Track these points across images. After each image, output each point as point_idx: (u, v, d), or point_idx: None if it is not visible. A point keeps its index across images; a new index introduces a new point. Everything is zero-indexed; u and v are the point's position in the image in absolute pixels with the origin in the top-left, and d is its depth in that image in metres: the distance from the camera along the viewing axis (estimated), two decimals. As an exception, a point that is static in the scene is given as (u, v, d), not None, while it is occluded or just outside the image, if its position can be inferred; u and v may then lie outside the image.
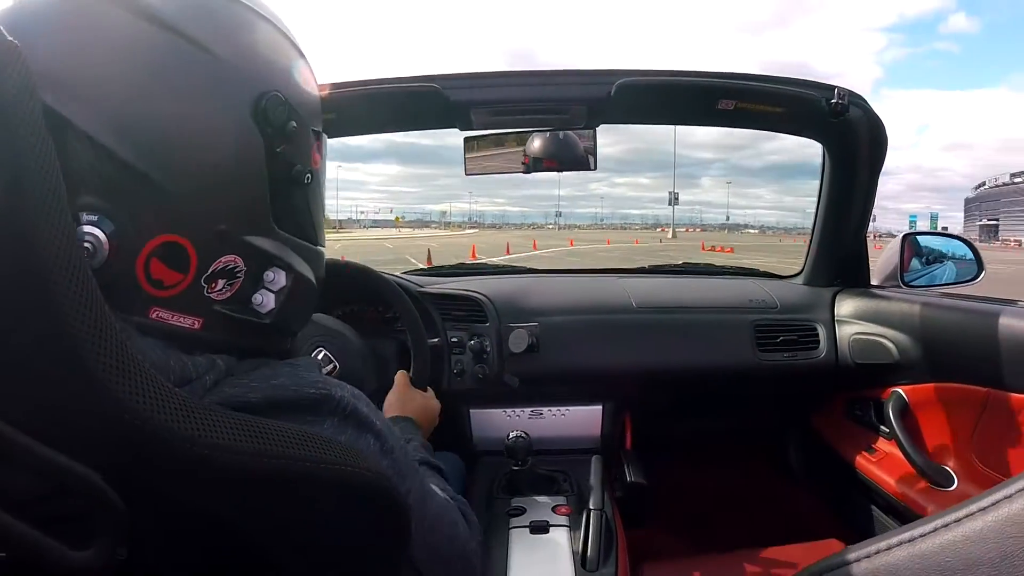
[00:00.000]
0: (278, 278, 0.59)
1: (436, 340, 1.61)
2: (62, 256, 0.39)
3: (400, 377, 1.31)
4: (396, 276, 1.73)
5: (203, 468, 0.44)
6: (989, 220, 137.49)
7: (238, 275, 0.56)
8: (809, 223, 1.88)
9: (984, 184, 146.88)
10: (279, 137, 0.56)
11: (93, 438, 0.42)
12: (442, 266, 2.23)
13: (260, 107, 0.53)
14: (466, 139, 1.62)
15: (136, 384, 0.41)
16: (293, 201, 0.60)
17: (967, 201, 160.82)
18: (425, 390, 1.35)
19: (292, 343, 0.67)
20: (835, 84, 1.48)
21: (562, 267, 2.72)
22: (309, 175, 0.60)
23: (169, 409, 0.42)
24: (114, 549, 0.44)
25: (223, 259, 0.54)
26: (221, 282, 0.54)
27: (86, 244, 0.45)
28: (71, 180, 0.42)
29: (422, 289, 1.70)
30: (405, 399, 1.25)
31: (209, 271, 0.53)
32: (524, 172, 1.63)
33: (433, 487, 0.77)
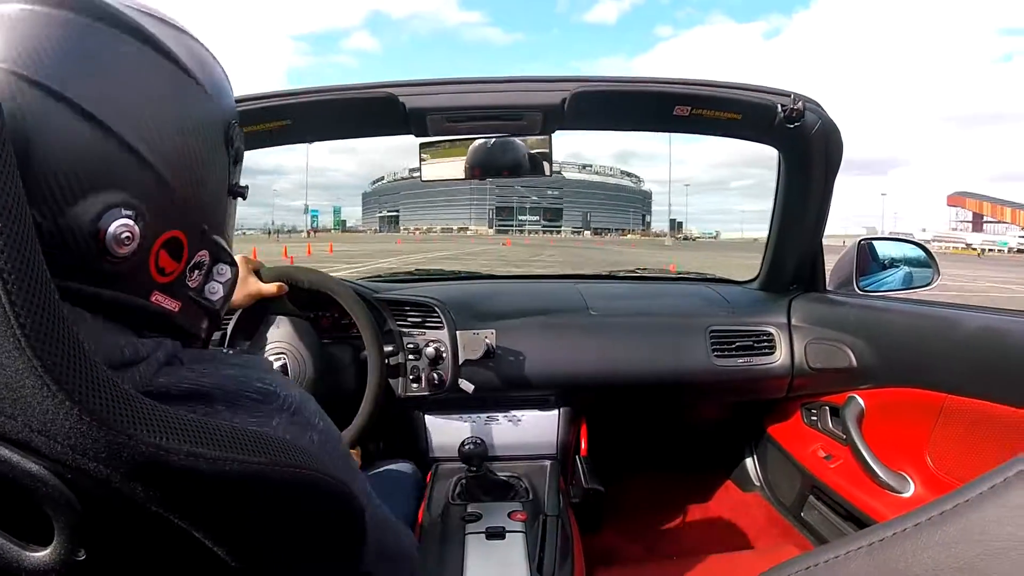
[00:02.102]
0: (226, 271, 0.68)
1: (391, 347, 1.59)
2: (14, 252, 0.40)
3: None
4: (353, 282, 1.71)
5: (158, 469, 0.44)
6: (389, 212, 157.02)
7: (204, 267, 0.65)
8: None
9: (383, 178, 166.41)
10: (235, 159, 0.67)
11: (48, 438, 0.41)
12: (398, 272, 2.21)
13: (229, 134, 0.65)
14: (421, 145, 1.61)
15: (92, 385, 0.41)
16: (230, 211, 0.71)
17: (365, 195, 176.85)
18: (353, 448, 1.42)
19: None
20: (791, 90, 1.49)
21: (520, 273, 2.72)
22: (246, 190, 0.71)
23: (126, 410, 0.43)
24: (72, 550, 0.45)
25: (199, 253, 0.63)
26: (196, 273, 0.64)
27: (125, 235, 0.52)
28: (109, 180, 0.51)
29: (378, 295, 1.68)
30: None
31: (191, 263, 0.62)
32: (479, 179, 1.62)
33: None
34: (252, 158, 1.44)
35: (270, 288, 1.41)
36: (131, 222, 0.52)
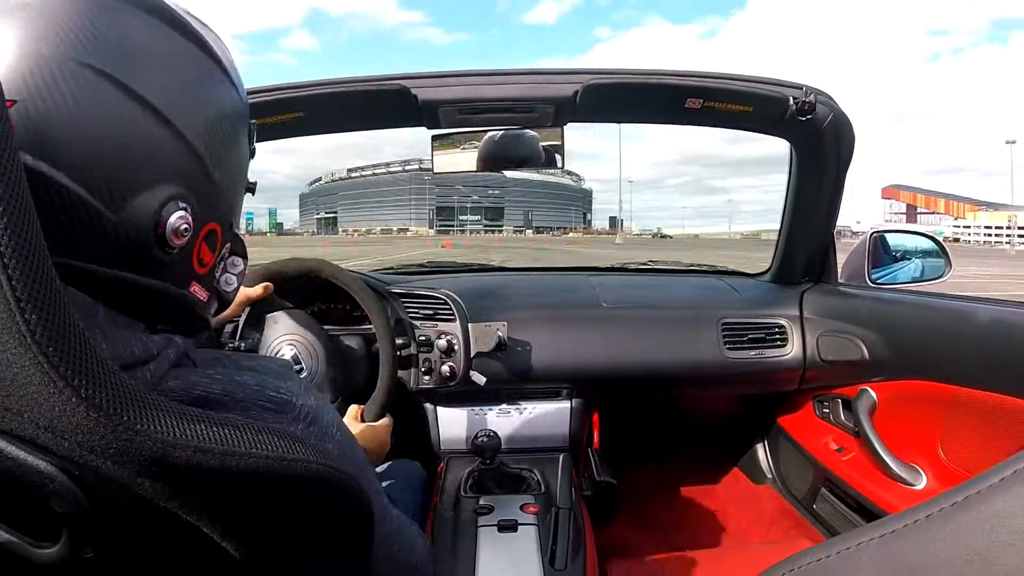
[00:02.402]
0: (239, 264, 0.70)
1: (403, 339, 1.59)
2: (18, 243, 0.39)
3: (350, 411, 1.36)
4: (364, 274, 1.71)
5: (166, 465, 0.44)
6: (327, 213, 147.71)
7: (225, 259, 0.67)
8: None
9: (320, 179, 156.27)
10: (252, 153, 0.69)
11: (55, 435, 0.41)
12: (409, 264, 2.21)
13: (250, 129, 0.67)
14: (434, 137, 1.61)
15: (98, 380, 0.41)
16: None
17: (302, 196, 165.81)
18: (378, 420, 1.40)
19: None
20: (803, 83, 1.48)
21: (532, 265, 2.73)
22: (255, 185, 0.73)
23: (135, 407, 0.42)
24: (80, 546, 0.45)
25: (227, 246, 0.66)
26: (222, 264, 0.66)
27: (183, 227, 0.54)
28: (169, 172, 0.53)
29: (389, 288, 1.69)
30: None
31: (222, 255, 0.65)
32: (491, 171, 1.62)
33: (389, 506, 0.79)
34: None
35: (256, 291, 1.42)
36: (187, 214, 0.54)
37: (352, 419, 1.33)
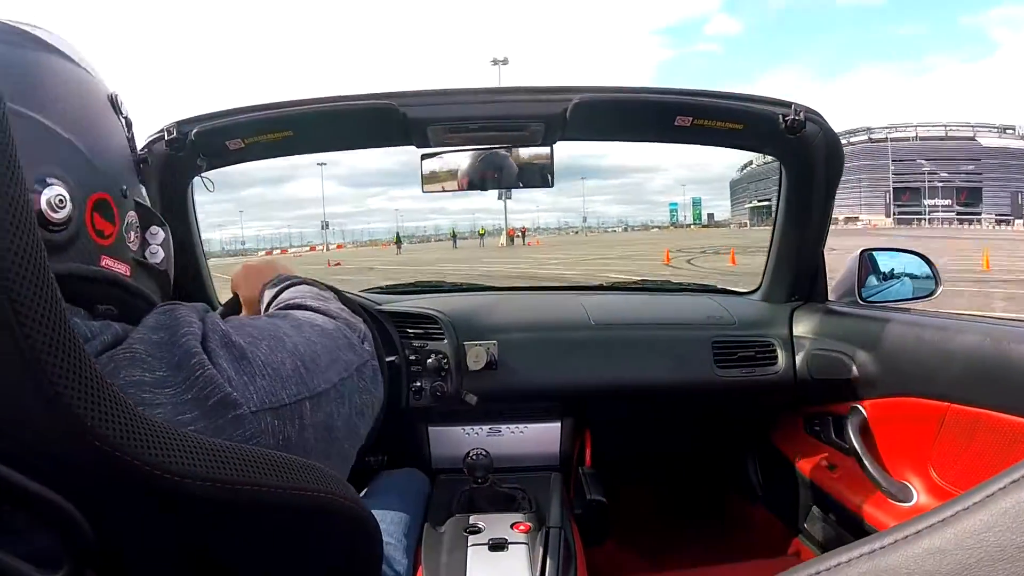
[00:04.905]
0: (158, 233, 0.73)
1: (394, 358, 1.59)
2: (25, 264, 0.39)
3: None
4: (354, 294, 1.71)
5: (174, 495, 0.44)
6: (760, 201, 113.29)
7: (137, 229, 0.69)
8: (576, 222, 1.89)
9: (752, 163, 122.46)
10: (127, 125, 0.73)
11: (61, 464, 0.41)
12: (399, 284, 2.21)
13: (114, 103, 0.70)
14: (423, 156, 1.61)
15: (104, 409, 0.40)
16: (141, 181, 0.75)
17: (733, 183, 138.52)
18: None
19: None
20: (792, 101, 1.49)
21: (520, 284, 2.72)
22: (147, 156, 0.76)
23: (139, 435, 0.42)
24: (82, 572, 0.44)
25: (128, 214, 0.67)
26: (132, 235, 0.68)
27: (58, 197, 0.56)
28: (33, 159, 0.54)
29: (380, 307, 1.69)
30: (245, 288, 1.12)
31: (124, 223, 0.66)
32: (480, 189, 1.62)
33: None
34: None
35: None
36: (59, 186, 0.56)
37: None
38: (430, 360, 1.62)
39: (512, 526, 1.37)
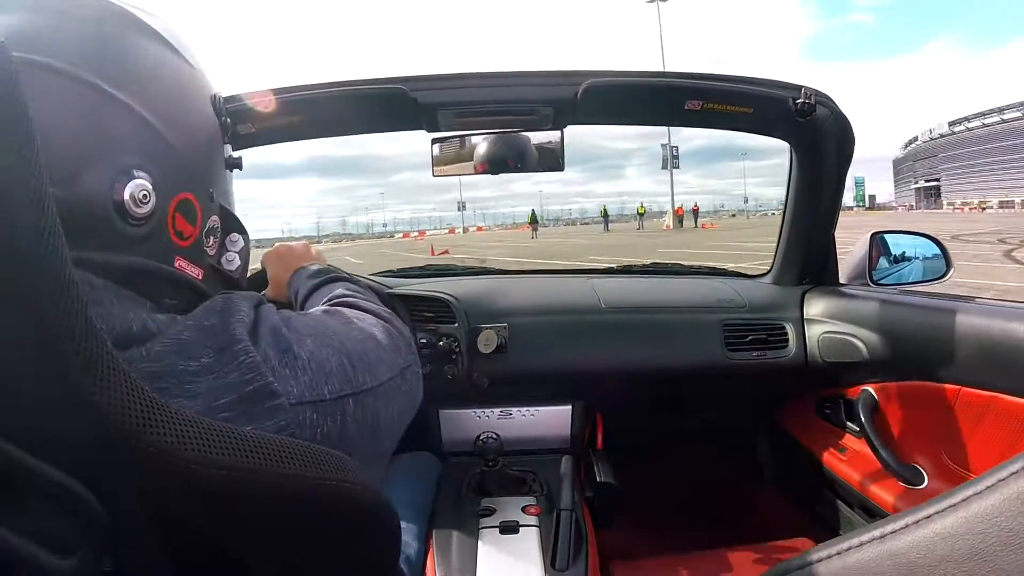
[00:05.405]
0: (238, 240, 0.72)
1: None
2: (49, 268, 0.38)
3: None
4: (365, 277, 1.72)
5: (193, 484, 0.44)
6: (927, 181, 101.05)
7: (218, 234, 0.68)
8: (732, 205, 1.87)
9: (916, 139, 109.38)
10: (225, 129, 0.71)
11: (79, 451, 0.41)
12: (410, 267, 2.21)
13: (216, 104, 0.69)
14: (433, 140, 1.60)
15: (123, 398, 0.40)
16: (230, 184, 0.74)
17: (896, 162, 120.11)
18: None
19: None
20: (802, 84, 1.48)
21: (531, 268, 2.71)
22: (240, 160, 0.75)
23: (158, 424, 0.42)
24: (99, 560, 0.44)
25: (211, 219, 0.66)
26: (211, 239, 0.67)
27: (142, 193, 0.55)
28: (118, 145, 0.55)
29: (391, 290, 1.69)
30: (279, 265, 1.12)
31: (206, 227, 0.65)
32: (491, 173, 1.61)
33: None
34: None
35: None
36: (145, 181, 0.55)
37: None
38: (441, 343, 1.62)
39: (523, 509, 1.38)
